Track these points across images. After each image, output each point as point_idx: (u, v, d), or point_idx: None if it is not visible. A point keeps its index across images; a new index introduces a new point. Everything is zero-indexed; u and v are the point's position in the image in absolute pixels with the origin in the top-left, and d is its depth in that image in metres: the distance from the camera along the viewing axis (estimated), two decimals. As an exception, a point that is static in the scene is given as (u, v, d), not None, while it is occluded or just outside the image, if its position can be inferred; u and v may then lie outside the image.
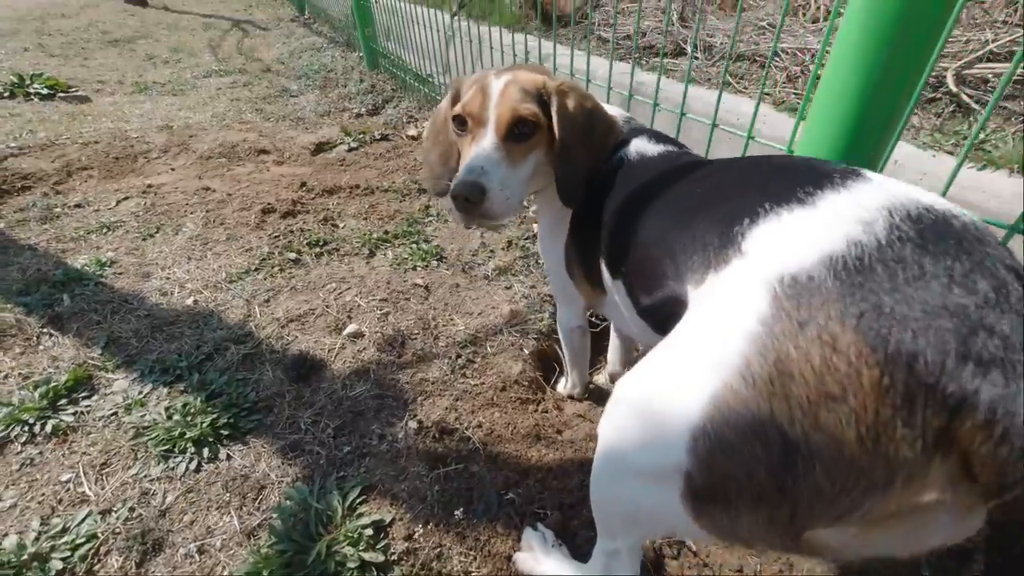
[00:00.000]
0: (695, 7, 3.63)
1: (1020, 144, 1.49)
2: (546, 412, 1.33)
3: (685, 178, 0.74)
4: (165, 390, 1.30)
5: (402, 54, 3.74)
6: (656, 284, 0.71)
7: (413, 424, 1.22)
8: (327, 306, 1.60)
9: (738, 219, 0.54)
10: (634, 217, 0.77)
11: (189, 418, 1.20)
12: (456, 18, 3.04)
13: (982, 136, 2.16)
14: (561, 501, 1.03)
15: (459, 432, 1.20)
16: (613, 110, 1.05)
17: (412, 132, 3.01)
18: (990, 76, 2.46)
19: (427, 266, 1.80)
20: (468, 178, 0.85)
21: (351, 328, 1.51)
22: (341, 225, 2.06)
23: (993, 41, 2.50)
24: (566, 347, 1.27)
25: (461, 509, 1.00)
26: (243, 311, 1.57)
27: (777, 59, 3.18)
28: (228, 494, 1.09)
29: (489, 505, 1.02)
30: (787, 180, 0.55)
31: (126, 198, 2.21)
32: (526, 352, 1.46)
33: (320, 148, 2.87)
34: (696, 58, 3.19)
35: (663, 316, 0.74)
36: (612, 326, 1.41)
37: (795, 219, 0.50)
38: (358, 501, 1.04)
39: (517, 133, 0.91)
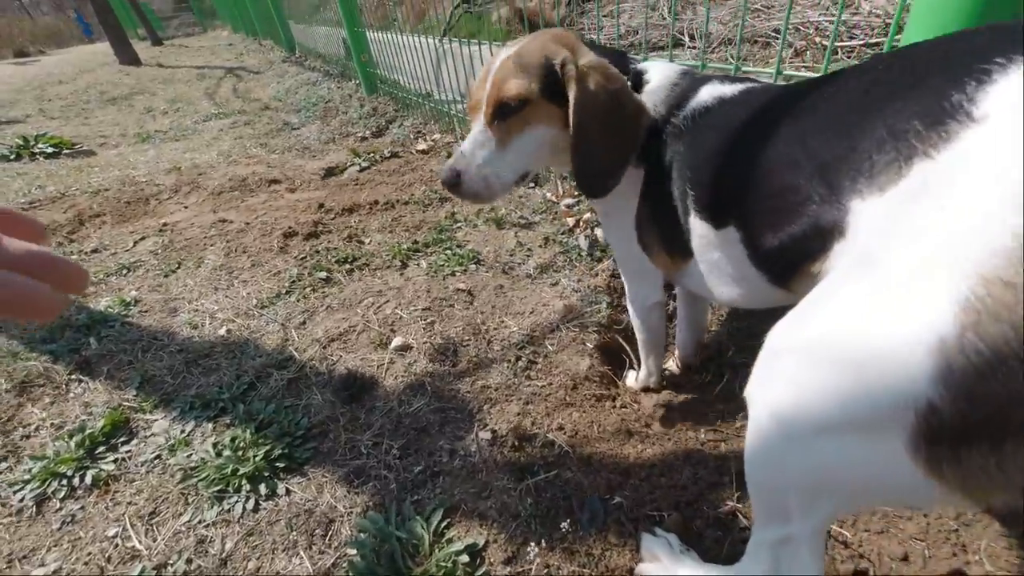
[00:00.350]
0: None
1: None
2: (625, 407, 1.21)
3: (809, 96, 0.64)
4: (210, 426, 1.18)
5: (397, 79, 3.74)
6: (791, 216, 0.61)
7: (485, 435, 1.10)
8: (367, 322, 1.49)
9: (950, 89, 0.44)
10: (748, 151, 0.67)
11: (240, 453, 1.09)
12: (443, 40, 3.03)
13: None
14: (676, 499, 0.90)
15: (540, 437, 1.07)
16: (663, 67, 0.95)
17: (422, 146, 2.95)
18: None
19: (465, 270, 1.70)
20: (447, 163, 0.90)
21: (397, 341, 1.40)
22: (367, 240, 1.97)
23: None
24: (642, 330, 1.15)
25: (567, 521, 0.87)
26: (280, 335, 1.47)
27: (777, 37, 3.14)
28: (294, 533, 0.97)
29: (594, 513, 0.89)
30: (1007, 32, 0.45)
31: (143, 238, 2.14)
32: (590, 346, 1.35)
33: (331, 172, 2.81)
34: (693, 47, 3.16)
35: (794, 257, 0.63)
36: (681, 305, 1.29)
37: None
38: (443, 525, 0.92)
39: (505, 111, 0.86)
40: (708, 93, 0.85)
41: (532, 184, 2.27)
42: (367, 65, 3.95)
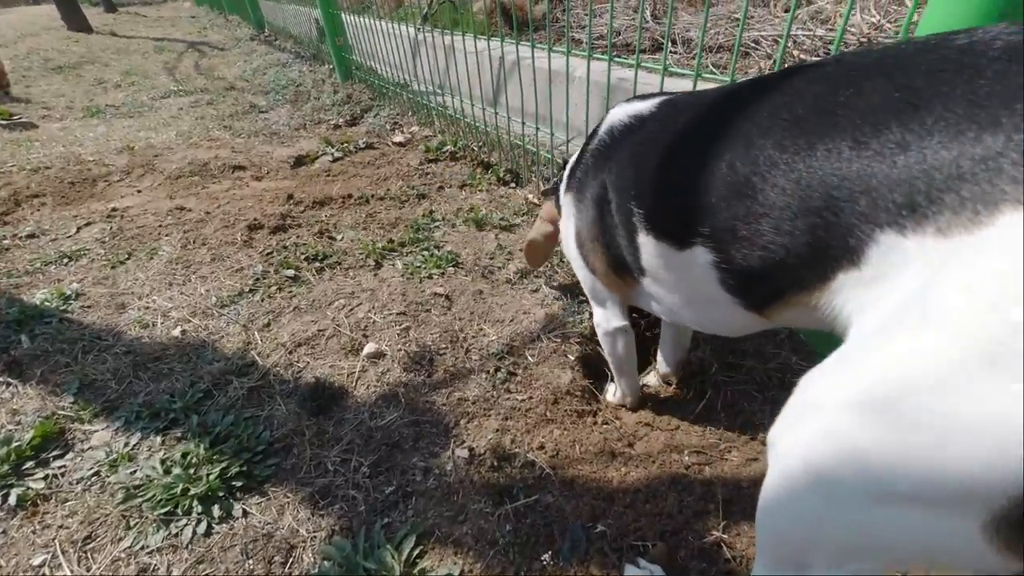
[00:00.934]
0: (667, 4, 3.63)
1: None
2: (607, 424, 1.18)
3: (799, 93, 0.56)
4: (158, 439, 1.08)
5: (373, 66, 3.61)
6: (783, 238, 0.55)
7: (462, 452, 1.05)
8: (338, 325, 1.41)
9: None
10: (720, 158, 0.61)
11: (192, 470, 0.99)
12: (422, 28, 2.93)
13: None
14: (662, 528, 0.87)
15: (519, 457, 1.03)
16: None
17: (399, 138, 2.84)
18: None
19: (443, 273, 1.63)
20: None
21: (369, 348, 1.32)
22: (339, 237, 1.87)
23: None
24: (609, 354, 1.12)
25: (549, 552, 0.83)
26: (241, 338, 1.36)
27: (757, 48, 3.20)
28: (250, 560, 0.89)
29: (576, 542, 0.85)
30: None
31: (88, 224, 1.96)
32: (571, 358, 1.31)
33: (300, 161, 2.67)
34: (675, 52, 3.18)
35: (782, 283, 0.58)
36: (664, 322, 1.27)
37: None
38: (415, 554, 0.86)
39: None
40: (620, 111, 0.87)
41: (513, 185, 2.21)
42: (342, 49, 3.78)
